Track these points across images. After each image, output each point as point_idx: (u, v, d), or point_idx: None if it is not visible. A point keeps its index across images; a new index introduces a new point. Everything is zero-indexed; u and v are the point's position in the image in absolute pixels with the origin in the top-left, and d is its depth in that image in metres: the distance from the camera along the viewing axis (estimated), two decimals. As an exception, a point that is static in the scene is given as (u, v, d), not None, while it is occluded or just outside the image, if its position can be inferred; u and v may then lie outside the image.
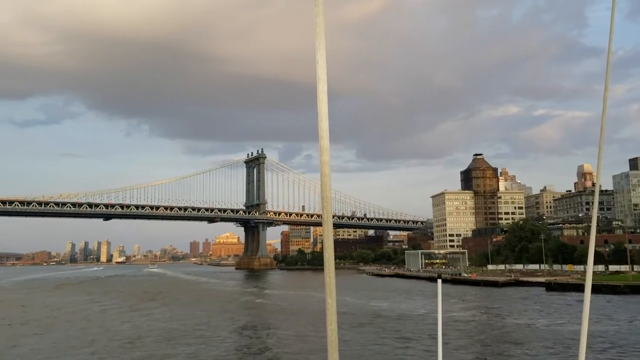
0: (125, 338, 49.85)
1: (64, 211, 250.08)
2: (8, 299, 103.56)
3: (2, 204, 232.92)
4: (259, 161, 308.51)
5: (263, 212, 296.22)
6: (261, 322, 62.37)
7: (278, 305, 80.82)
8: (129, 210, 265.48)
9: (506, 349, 43.82)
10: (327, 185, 3.91)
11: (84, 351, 43.93)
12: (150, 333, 52.78)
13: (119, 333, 53.05)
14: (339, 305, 58.36)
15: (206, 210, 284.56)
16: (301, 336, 50.98)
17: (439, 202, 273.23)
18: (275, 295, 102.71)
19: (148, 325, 58.96)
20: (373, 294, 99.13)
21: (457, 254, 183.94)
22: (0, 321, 65.04)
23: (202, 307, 77.89)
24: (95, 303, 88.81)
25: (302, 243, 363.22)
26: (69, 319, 66.21)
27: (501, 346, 45.12)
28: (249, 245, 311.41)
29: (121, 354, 42.56)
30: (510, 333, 51.52)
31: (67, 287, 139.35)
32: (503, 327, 55.75)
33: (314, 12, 4.01)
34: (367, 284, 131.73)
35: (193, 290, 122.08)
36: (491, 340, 48.46)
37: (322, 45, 3.98)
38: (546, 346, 43.71)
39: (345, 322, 59.45)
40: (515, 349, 43.18)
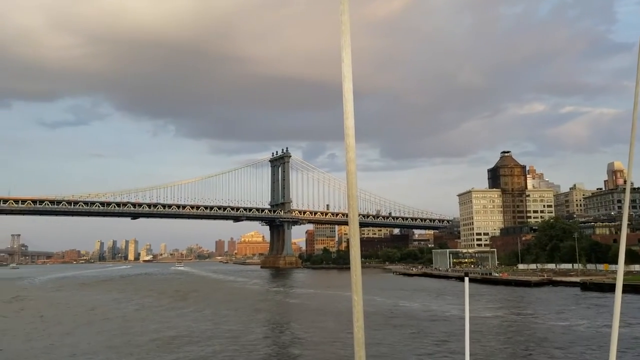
0: (161, 338, 49.70)
1: (92, 210, 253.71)
2: (42, 297, 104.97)
3: (32, 203, 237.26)
4: (283, 160, 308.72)
5: (288, 211, 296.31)
6: (292, 322, 61.77)
7: (307, 305, 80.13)
8: (156, 209, 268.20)
9: (542, 351, 42.45)
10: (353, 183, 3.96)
11: (123, 351, 43.89)
12: (186, 333, 52.59)
13: (155, 332, 52.95)
14: (369, 305, 57.66)
15: (232, 209, 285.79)
16: (332, 335, 50.35)
17: (466, 200, 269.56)
18: (303, 294, 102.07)
19: (183, 325, 58.79)
20: (402, 294, 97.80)
21: (486, 253, 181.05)
22: (36, 320, 65.57)
23: (233, 307, 77.64)
24: (129, 302, 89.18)
25: (326, 242, 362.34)
26: (105, 318, 66.49)
27: (536, 348, 43.76)
28: (274, 244, 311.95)
29: (159, 354, 42.35)
30: (546, 335, 49.93)
31: (98, 286, 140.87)
32: (538, 329, 54.14)
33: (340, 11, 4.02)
34: (394, 284, 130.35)
35: (222, 289, 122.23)
36: (526, 342, 47.08)
37: (348, 43, 3.98)
38: (583, 348, 42.25)
39: (376, 322, 58.49)
40: (551, 351, 41.81)
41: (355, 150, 4.00)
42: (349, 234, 4.00)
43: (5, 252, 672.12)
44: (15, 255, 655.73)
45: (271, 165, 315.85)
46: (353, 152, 3.98)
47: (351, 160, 3.95)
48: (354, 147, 3.99)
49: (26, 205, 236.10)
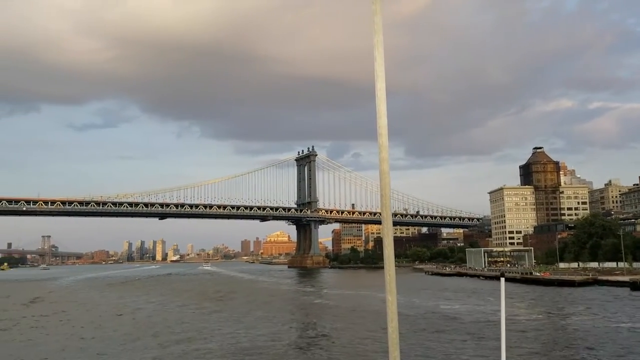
0: (194, 339, 47.10)
1: (121, 211, 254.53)
2: (75, 298, 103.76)
3: (62, 204, 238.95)
4: (309, 159, 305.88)
5: (315, 210, 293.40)
6: (328, 324, 58.48)
7: (340, 306, 76.75)
8: (183, 210, 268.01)
9: (592, 355, 38.72)
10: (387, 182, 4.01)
11: (162, 353, 41.52)
12: (222, 335, 49.95)
13: (194, 336, 50.32)
14: (408, 307, 53.90)
15: (258, 208, 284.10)
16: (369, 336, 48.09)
17: (497, 198, 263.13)
18: (334, 295, 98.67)
19: (219, 327, 56.13)
20: (440, 295, 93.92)
21: (522, 252, 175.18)
22: (70, 322, 63.69)
23: (267, 308, 74.84)
24: (161, 303, 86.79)
25: (353, 241, 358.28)
26: (137, 318, 64.40)
27: (588, 352, 40.05)
28: (300, 243, 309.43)
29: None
30: (597, 337, 45.98)
31: (129, 286, 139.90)
32: (588, 331, 50.17)
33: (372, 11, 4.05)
34: (429, 284, 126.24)
35: (252, 289, 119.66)
36: (575, 345, 43.56)
37: (380, 42, 4.02)
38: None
39: (419, 326, 55.14)
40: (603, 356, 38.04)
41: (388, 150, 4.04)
42: (382, 233, 4.00)
43: (36, 253, 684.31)
44: (46, 256, 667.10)
45: (297, 164, 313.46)
46: (386, 151, 4.02)
47: (384, 160, 4.00)
48: (387, 147, 4.03)
49: (56, 207, 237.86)
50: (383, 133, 4.10)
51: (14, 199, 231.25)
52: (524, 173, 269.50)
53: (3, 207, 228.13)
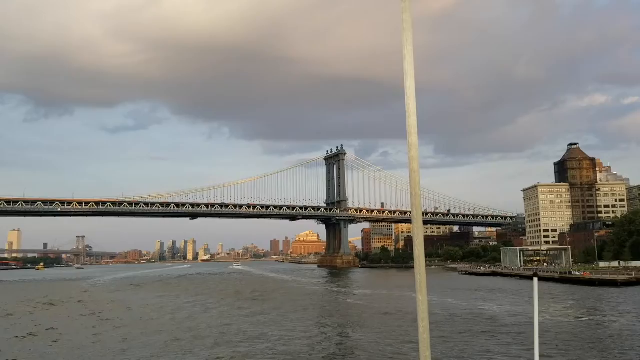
0: (231, 342, 46.31)
1: (153, 211, 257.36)
2: (112, 298, 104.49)
3: (95, 205, 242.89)
4: (338, 158, 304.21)
5: (344, 210, 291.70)
6: (362, 325, 57.04)
7: (375, 307, 75.18)
8: (214, 209, 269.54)
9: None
10: (417, 181, 4.03)
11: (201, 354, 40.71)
12: (261, 337, 49.11)
13: (232, 339, 49.59)
14: (444, 308, 52.07)
15: (288, 208, 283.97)
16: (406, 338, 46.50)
17: (532, 195, 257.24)
18: (368, 295, 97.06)
19: (257, 329, 55.31)
20: (476, 295, 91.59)
21: (559, 251, 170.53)
22: (109, 322, 63.72)
23: (300, 309, 73.79)
24: (199, 303, 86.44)
25: (384, 240, 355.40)
26: (177, 319, 64.09)
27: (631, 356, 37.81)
28: (330, 243, 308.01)
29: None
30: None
31: (165, 286, 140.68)
32: (634, 333, 47.66)
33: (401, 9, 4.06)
34: (463, 284, 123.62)
35: (285, 289, 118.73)
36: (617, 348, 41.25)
37: (410, 41, 4.02)
38: None
39: (458, 327, 53.30)
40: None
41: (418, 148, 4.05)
42: (412, 233, 4.02)
43: (71, 253, 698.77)
44: (80, 256, 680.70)
45: (326, 163, 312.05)
46: (416, 150, 4.04)
47: (414, 159, 4.02)
48: (416, 145, 4.04)
49: (89, 207, 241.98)
50: (413, 131, 4.09)
51: (49, 200, 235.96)
52: (559, 170, 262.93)
53: (39, 208, 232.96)
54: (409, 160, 4.07)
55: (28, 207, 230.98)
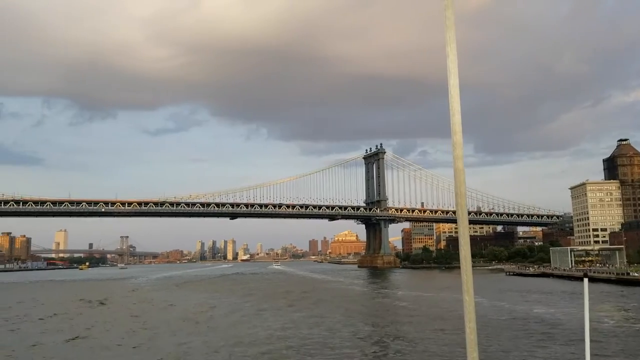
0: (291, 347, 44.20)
1: (193, 211, 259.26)
2: (154, 297, 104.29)
3: (138, 205, 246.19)
4: (378, 156, 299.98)
5: (384, 209, 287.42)
6: (409, 329, 54.05)
7: (421, 309, 71.98)
8: (253, 209, 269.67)
9: None
10: (462, 181, 3.99)
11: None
12: (310, 343, 46.87)
13: (288, 342, 47.54)
14: (497, 311, 48.37)
15: (327, 207, 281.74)
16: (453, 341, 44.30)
17: (580, 193, 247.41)
18: (414, 297, 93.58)
19: (304, 332, 53.11)
20: (528, 297, 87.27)
21: (612, 251, 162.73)
22: (157, 322, 62.64)
23: (345, 312, 71.25)
24: (247, 303, 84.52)
25: (424, 240, 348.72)
26: (231, 321, 62.53)
27: None
28: (370, 243, 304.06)
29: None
30: None
31: (211, 286, 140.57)
32: None
33: (444, 6, 4.05)
34: (512, 285, 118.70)
35: (328, 289, 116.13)
36: None
37: (453, 38, 4.00)
38: None
39: (513, 332, 49.86)
40: None
41: (462, 147, 4.02)
42: (458, 233, 4.00)
43: (115, 253, 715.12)
44: (124, 256, 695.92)
45: (365, 162, 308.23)
46: (460, 149, 4.00)
47: (459, 158, 3.97)
48: (461, 144, 4.01)
49: (132, 208, 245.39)
50: (457, 130, 4.04)
51: (93, 201, 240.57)
52: (608, 167, 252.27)
53: (83, 209, 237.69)
54: (453, 159, 3.99)
55: (73, 208, 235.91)
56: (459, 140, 3.99)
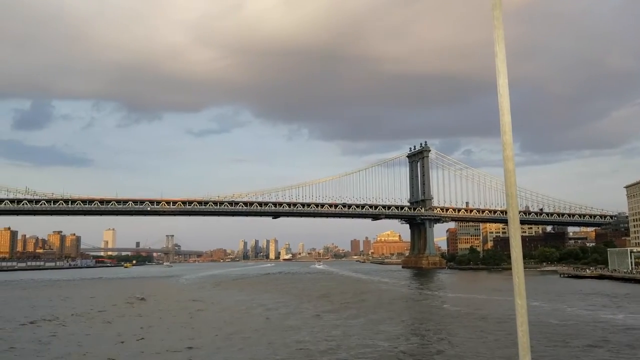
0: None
1: (236, 210, 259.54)
2: (203, 296, 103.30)
3: (182, 204, 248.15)
4: (422, 155, 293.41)
5: (429, 208, 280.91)
6: (461, 333, 50.20)
7: (475, 313, 67.64)
8: (296, 208, 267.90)
9: None
10: (512, 181, 4.00)
11: None
12: (359, 345, 43.86)
13: (339, 343, 44.76)
14: (560, 316, 43.66)
15: (370, 207, 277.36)
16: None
17: (636, 192, 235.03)
18: (464, 300, 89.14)
19: (354, 335, 50.16)
20: (591, 300, 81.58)
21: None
22: (213, 324, 60.85)
23: (393, 314, 67.96)
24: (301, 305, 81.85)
25: (470, 241, 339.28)
26: (278, 322, 60.23)
27: None
28: (415, 243, 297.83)
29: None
30: None
31: (257, 284, 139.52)
32: None
33: (491, 4, 4.04)
34: (569, 287, 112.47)
35: (374, 291, 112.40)
36: None
37: (501, 37, 3.98)
38: None
39: (584, 340, 45.39)
40: None
41: (513, 148, 4.00)
42: (509, 234, 4.00)
43: (161, 251, 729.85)
44: (169, 255, 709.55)
45: (409, 161, 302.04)
46: (511, 149, 3.98)
47: (509, 158, 3.96)
48: (511, 144, 3.99)
49: (177, 206, 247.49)
50: (507, 130, 4.01)
51: (139, 200, 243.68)
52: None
53: (129, 208, 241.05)
54: (503, 160, 3.94)
55: (120, 207, 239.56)
56: (508, 141, 3.94)
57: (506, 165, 3.93)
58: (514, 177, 3.93)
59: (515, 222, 3.85)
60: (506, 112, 3.97)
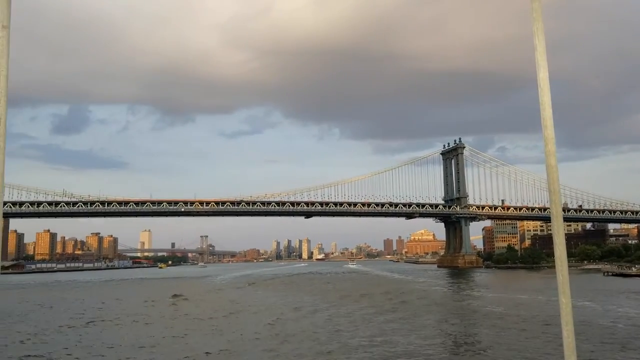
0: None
1: (269, 210, 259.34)
2: (239, 297, 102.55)
3: (215, 204, 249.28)
4: (457, 152, 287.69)
5: (465, 206, 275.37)
6: (514, 335, 47.55)
7: (521, 315, 64.57)
8: (328, 208, 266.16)
9: None
10: (555, 177, 3.85)
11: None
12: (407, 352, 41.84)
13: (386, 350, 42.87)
14: (617, 318, 40.43)
15: (404, 205, 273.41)
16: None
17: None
18: (506, 300, 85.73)
19: (399, 339, 48.13)
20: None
21: None
22: (252, 326, 59.61)
23: (440, 317, 65.48)
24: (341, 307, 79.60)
25: (508, 239, 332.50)
26: (319, 324, 58.58)
27: None
28: (450, 242, 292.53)
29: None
30: None
31: (291, 284, 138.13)
32: None
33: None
34: (617, 287, 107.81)
35: (412, 291, 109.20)
36: None
37: (541, 30, 3.84)
38: None
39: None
40: None
41: (554, 142, 3.89)
42: (553, 230, 3.90)
43: (196, 252, 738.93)
44: (204, 255, 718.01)
45: (443, 159, 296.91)
46: (553, 144, 3.87)
47: (551, 154, 3.85)
48: (553, 139, 3.88)
49: (210, 207, 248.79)
50: (548, 125, 3.91)
51: (173, 201, 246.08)
52: None
53: (164, 209, 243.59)
54: (545, 155, 3.83)
55: (155, 208, 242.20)
56: (550, 135, 3.83)
57: (548, 160, 3.81)
58: (557, 172, 3.80)
59: (559, 218, 3.73)
60: (547, 106, 3.87)
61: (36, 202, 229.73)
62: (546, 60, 3.81)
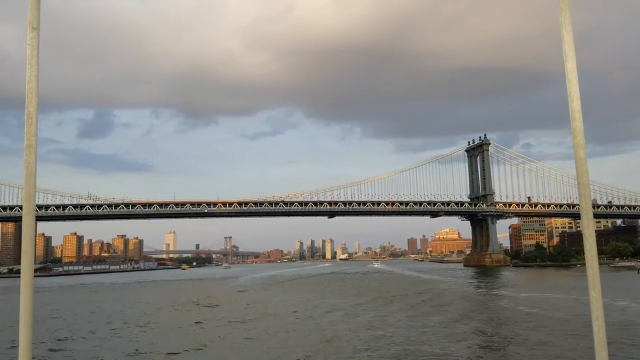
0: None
1: (292, 210, 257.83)
2: (265, 299, 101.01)
3: (238, 205, 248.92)
4: (482, 148, 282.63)
5: (491, 204, 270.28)
6: (545, 338, 44.76)
7: (556, 317, 61.40)
8: (351, 207, 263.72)
9: None
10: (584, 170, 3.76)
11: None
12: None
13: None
14: None
15: (428, 204, 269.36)
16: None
17: None
18: (539, 300, 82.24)
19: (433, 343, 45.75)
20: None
21: None
22: (285, 330, 57.86)
23: (472, 318, 62.73)
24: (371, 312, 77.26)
25: (535, 237, 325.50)
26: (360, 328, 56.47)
27: None
28: (477, 240, 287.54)
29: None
30: None
31: (319, 285, 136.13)
32: None
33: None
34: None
35: (442, 291, 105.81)
36: None
37: (568, 20, 3.81)
38: None
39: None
40: None
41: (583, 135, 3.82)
42: (582, 225, 3.87)
43: (220, 253, 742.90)
44: (228, 256, 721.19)
45: (468, 156, 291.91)
46: (581, 136, 3.80)
47: (580, 146, 3.77)
48: (582, 131, 3.80)
49: (233, 208, 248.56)
50: (577, 117, 3.84)
51: (196, 202, 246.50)
52: None
53: (187, 210, 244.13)
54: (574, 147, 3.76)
55: (178, 209, 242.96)
56: (579, 127, 3.74)
57: (577, 153, 3.71)
58: (586, 165, 3.70)
59: (588, 212, 3.66)
60: (575, 97, 3.77)
61: (62, 205, 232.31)
62: (574, 50, 3.77)
